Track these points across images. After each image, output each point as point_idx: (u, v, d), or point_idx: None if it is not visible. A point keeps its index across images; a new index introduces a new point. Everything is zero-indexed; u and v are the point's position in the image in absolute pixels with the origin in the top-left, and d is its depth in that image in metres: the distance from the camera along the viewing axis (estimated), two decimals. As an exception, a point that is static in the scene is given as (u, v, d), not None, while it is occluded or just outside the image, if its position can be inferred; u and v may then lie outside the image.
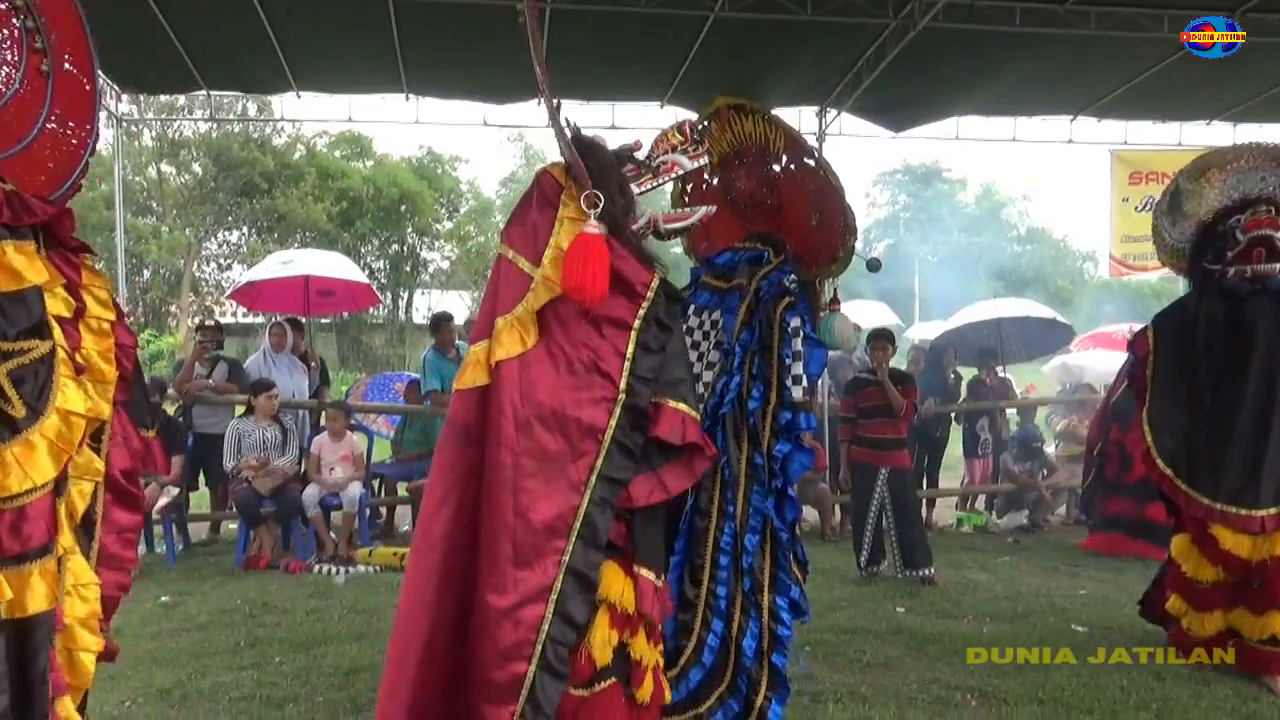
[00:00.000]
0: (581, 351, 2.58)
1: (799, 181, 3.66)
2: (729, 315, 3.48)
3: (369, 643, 4.97)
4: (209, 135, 26.01)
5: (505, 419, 2.51)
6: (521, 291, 2.62)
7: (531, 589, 2.45)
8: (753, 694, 3.29)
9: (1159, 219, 4.91)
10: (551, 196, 2.72)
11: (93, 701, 4.05)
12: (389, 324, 29.22)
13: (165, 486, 6.95)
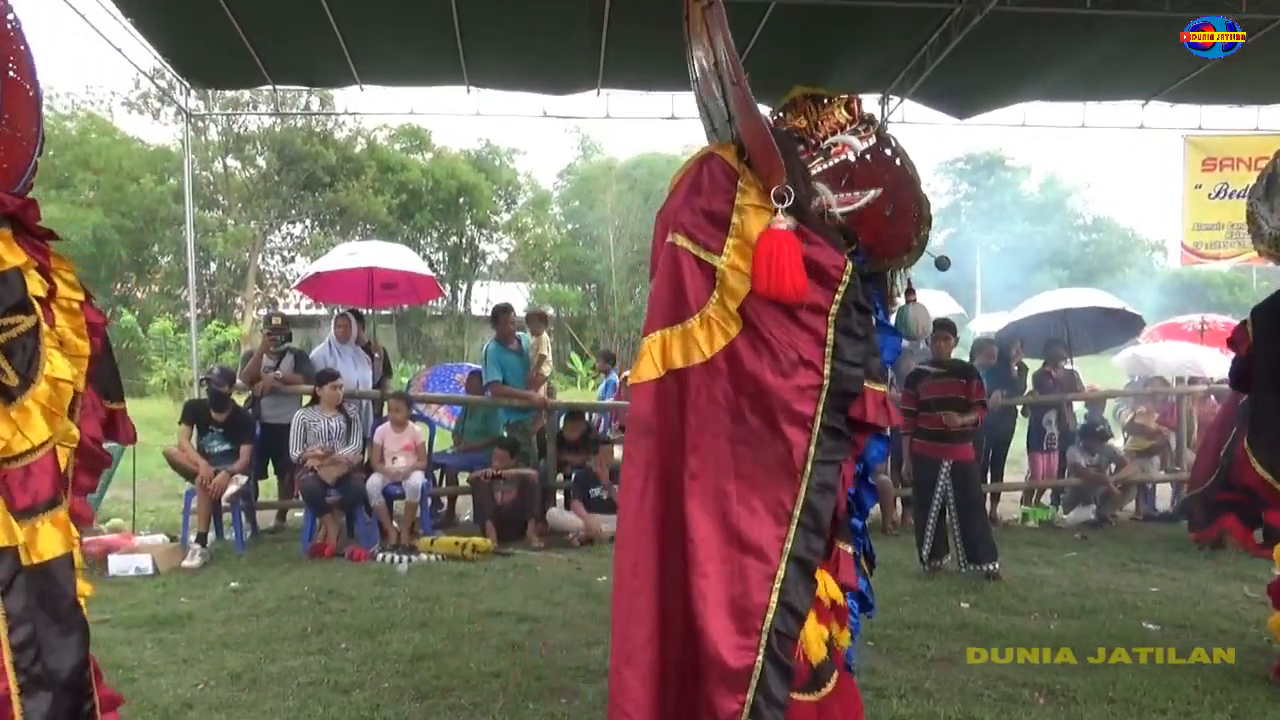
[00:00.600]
0: (783, 342, 2.57)
1: (874, 170, 3.59)
2: None
3: (431, 630, 5.04)
4: (273, 130, 26.50)
5: (719, 409, 2.53)
6: (707, 283, 2.61)
7: (755, 578, 2.47)
8: None
9: (1255, 205, 4.64)
10: (724, 182, 2.67)
11: (166, 684, 4.19)
12: (448, 315, 29.53)
13: (234, 475, 7.08)
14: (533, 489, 7.73)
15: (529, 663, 4.51)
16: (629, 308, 29.38)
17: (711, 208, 2.65)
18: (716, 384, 2.54)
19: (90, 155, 26.46)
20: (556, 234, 31.86)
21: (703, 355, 2.57)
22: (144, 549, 6.53)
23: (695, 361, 2.57)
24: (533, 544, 7.41)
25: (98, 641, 4.75)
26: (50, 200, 25.10)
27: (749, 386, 2.54)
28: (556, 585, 6.12)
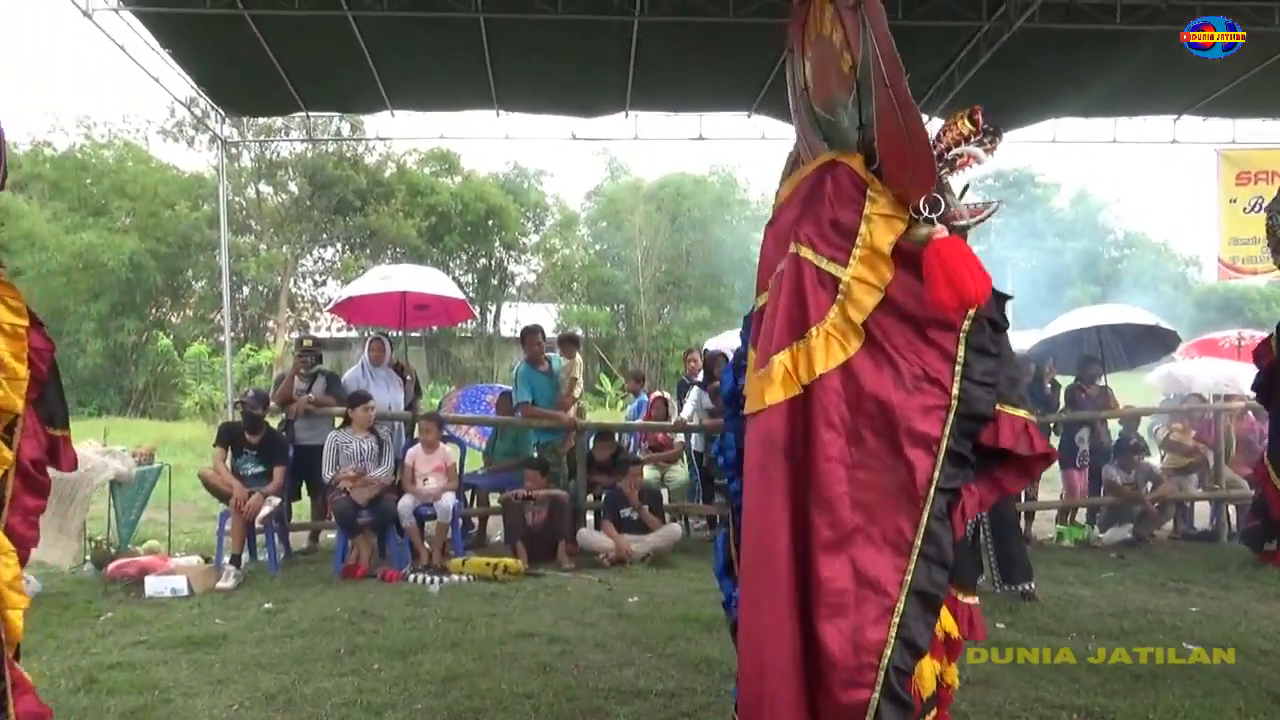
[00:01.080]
0: (908, 358, 2.45)
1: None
2: None
3: (464, 651, 5.04)
4: (305, 156, 26.87)
5: (834, 432, 2.42)
6: (829, 296, 2.49)
7: (872, 610, 2.35)
8: None
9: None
10: (851, 192, 2.56)
11: (202, 705, 4.22)
12: (477, 337, 29.71)
13: (268, 497, 7.14)
14: (563, 509, 7.73)
15: (561, 684, 4.50)
16: (657, 328, 29.44)
17: (837, 218, 2.55)
18: (831, 403, 2.43)
19: (126, 182, 26.96)
20: (584, 255, 32.03)
21: (816, 373, 2.45)
22: (179, 570, 6.59)
23: (811, 378, 2.46)
24: (564, 565, 7.40)
25: (134, 663, 4.83)
26: (88, 227, 25.61)
27: (868, 405, 2.42)
28: (588, 606, 6.11)
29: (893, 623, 2.34)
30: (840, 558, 2.37)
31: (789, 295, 2.55)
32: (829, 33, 2.68)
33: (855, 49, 2.56)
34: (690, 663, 4.85)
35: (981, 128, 2.63)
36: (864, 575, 2.36)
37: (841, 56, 2.63)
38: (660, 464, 8.97)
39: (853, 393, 2.43)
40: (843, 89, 2.67)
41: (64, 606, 6.04)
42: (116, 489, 7.12)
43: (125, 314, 25.83)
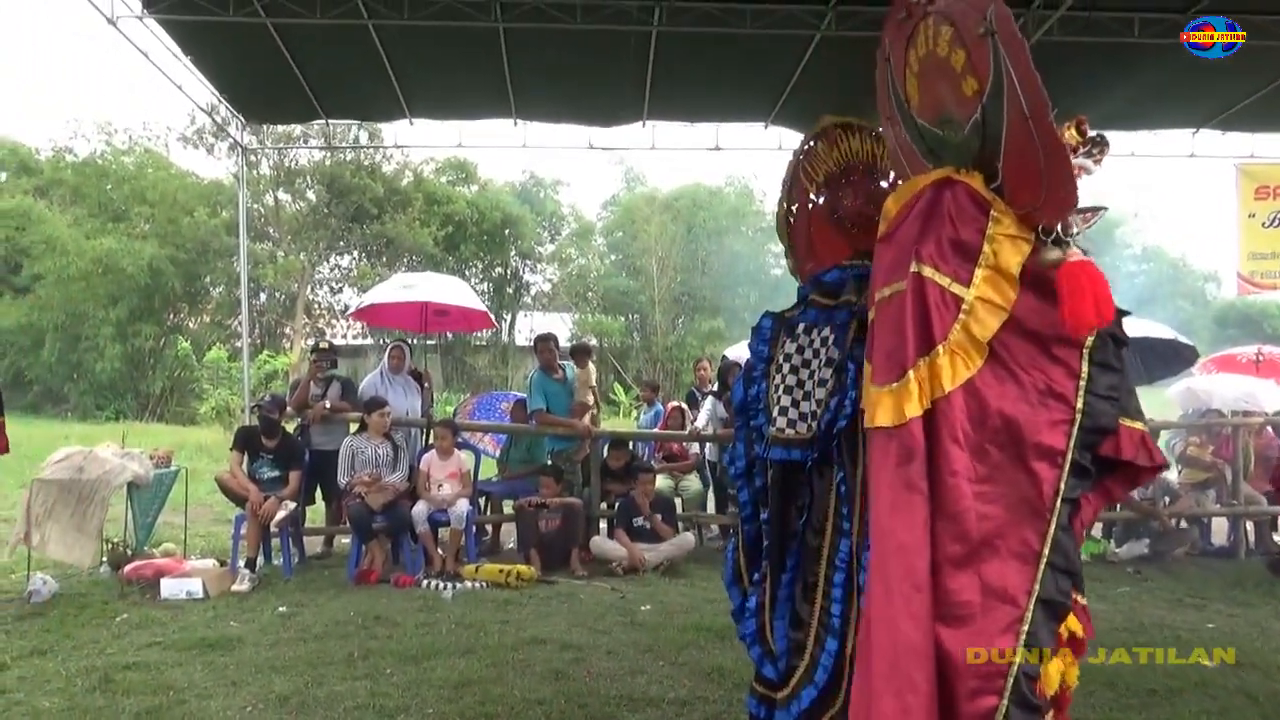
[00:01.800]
0: (1032, 374, 2.48)
1: None
2: (839, 331, 3.43)
3: (476, 657, 5.05)
4: (323, 164, 27.04)
5: (959, 448, 2.45)
6: (952, 315, 2.51)
7: (1000, 620, 2.37)
8: None
9: None
10: (973, 211, 2.57)
11: (216, 706, 4.24)
12: (492, 346, 29.78)
13: (284, 501, 7.17)
14: (577, 517, 7.74)
15: (573, 691, 4.50)
16: (671, 338, 29.45)
17: (959, 237, 2.56)
18: (956, 419, 2.45)
19: (146, 189, 27.20)
20: (600, 265, 32.10)
21: (942, 390, 2.48)
22: (195, 573, 6.62)
23: (937, 396, 2.48)
24: (577, 572, 7.40)
25: (150, 663, 4.86)
26: (108, 232, 25.84)
27: (993, 421, 2.45)
28: (600, 614, 6.11)
29: (1021, 631, 2.36)
30: (967, 571, 2.40)
31: (914, 314, 2.56)
32: (945, 54, 2.65)
33: (983, 76, 2.53)
34: (703, 671, 4.84)
35: (1089, 138, 2.60)
36: (991, 587, 2.38)
37: (965, 80, 2.60)
38: (674, 474, 8.96)
39: (977, 409, 2.46)
40: (963, 111, 2.64)
41: (81, 607, 6.08)
42: (134, 491, 7.16)
43: (144, 319, 26.03)
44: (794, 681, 3.23)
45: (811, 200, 3.86)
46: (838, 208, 3.76)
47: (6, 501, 10.44)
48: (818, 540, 3.31)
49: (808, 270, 3.94)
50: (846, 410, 3.32)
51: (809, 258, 3.92)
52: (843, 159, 3.67)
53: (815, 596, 3.28)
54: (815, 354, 3.50)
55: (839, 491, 3.30)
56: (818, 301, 3.56)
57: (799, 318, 3.59)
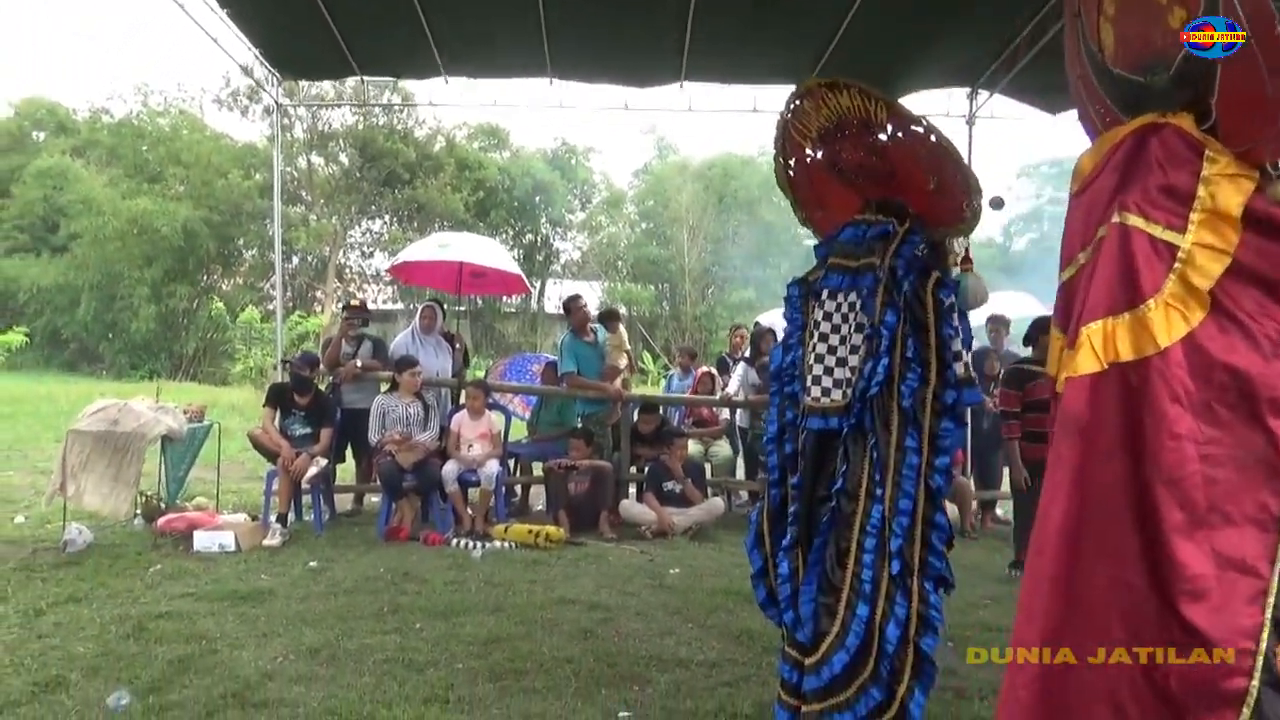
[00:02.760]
0: (1263, 323, 2.32)
1: (909, 147, 3.47)
2: (868, 297, 3.36)
3: (505, 614, 5.05)
4: (355, 127, 27.05)
5: (1180, 407, 2.28)
6: (1164, 265, 2.36)
7: (1243, 593, 2.23)
8: (895, 683, 3.17)
9: None
10: (1185, 153, 2.41)
11: (248, 656, 4.26)
12: (522, 312, 29.83)
13: (315, 458, 7.20)
14: (606, 480, 7.72)
15: (601, 650, 4.49)
16: (701, 308, 29.34)
17: (1170, 182, 2.40)
18: (1175, 377, 2.28)
19: (181, 150, 27.36)
20: (630, 233, 31.98)
21: (1156, 346, 2.30)
22: (227, 527, 6.67)
23: (1148, 353, 2.30)
24: (605, 535, 7.39)
25: (182, 613, 4.90)
26: (143, 193, 26.03)
27: (1219, 376, 2.29)
28: (629, 576, 6.10)
29: (1267, 604, 2.22)
30: (1196, 541, 2.24)
31: (1114, 267, 2.40)
32: None
33: (1193, 4, 2.42)
34: (731, 634, 4.82)
35: None
36: (1227, 558, 2.23)
37: (1171, 12, 2.49)
38: (704, 439, 8.92)
39: (1200, 364, 2.30)
40: (1170, 46, 2.52)
41: (115, 557, 6.14)
42: (167, 445, 7.22)
43: (178, 280, 26.27)
44: (824, 647, 3.20)
45: (809, 155, 3.78)
46: (837, 161, 3.67)
47: (44, 454, 10.60)
48: (852, 506, 3.27)
49: (818, 219, 3.88)
50: (879, 376, 3.26)
51: (817, 207, 3.88)
52: (833, 115, 3.58)
53: (848, 562, 3.24)
54: (844, 319, 3.44)
55: (872, 457, 3.25)
56: (839, 264, 3.49)
57: (822, 282, 3.53)
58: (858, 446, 3.30)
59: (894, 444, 3.24)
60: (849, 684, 3.17)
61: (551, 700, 3.84)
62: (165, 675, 3.99)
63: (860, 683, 3.17)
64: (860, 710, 3.14)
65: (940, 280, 3.26)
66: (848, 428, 3.30)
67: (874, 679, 3.16)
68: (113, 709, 3.61)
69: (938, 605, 3.18)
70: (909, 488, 3.19)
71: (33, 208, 27.67)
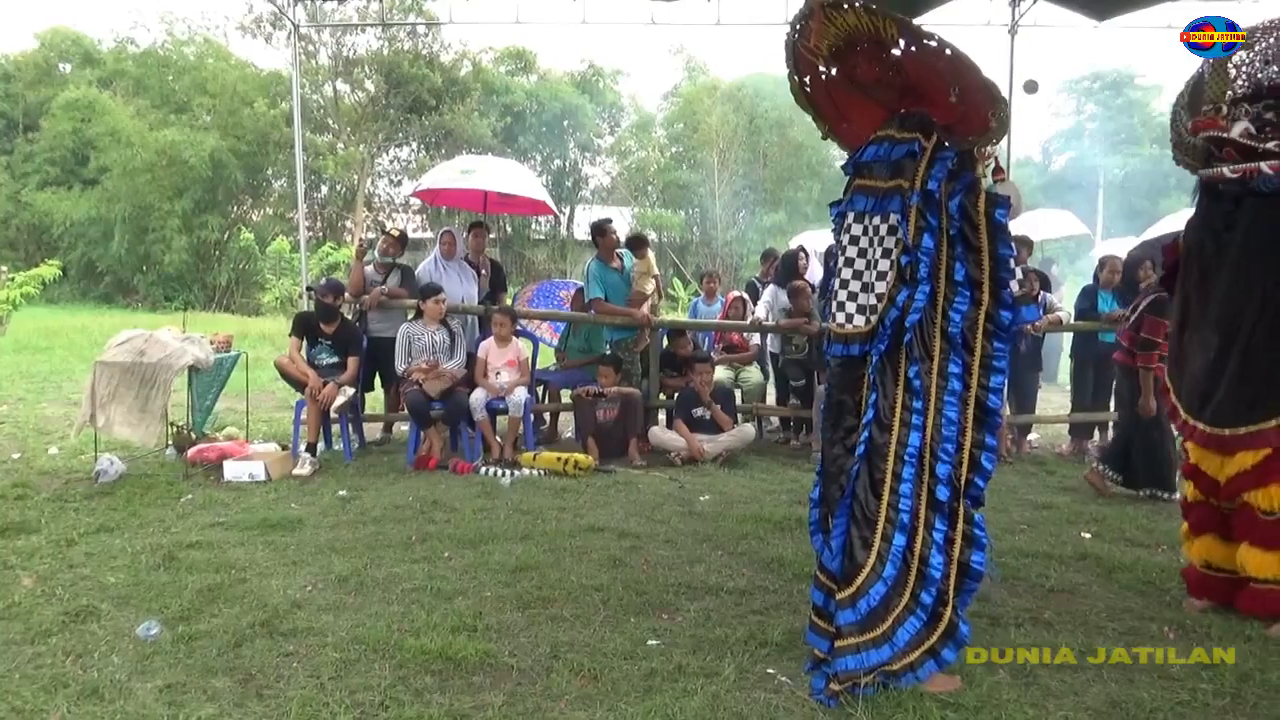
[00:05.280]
0: None
1: (925, 60, 3.30)
2: (901, 222, 3.20)
3: (534, 542, 5.02)
4: (380, 54, 26.65)
5: None
6: None
7: None
8: (941, 606, 3.10)
9: (1178, 113, 4.35)
10: None
11: (276, 585, 4.25)
12: (551, 239, 29.63)
13: (342, 386, 7.17)
14: (635, 407, 7.65)
15: (630, 577, 4.45)
16: (732, 233, 28.97)
17: None
18: None
19: (207, 80, 27.17)
20: (660, 158, 31.47)
21: None
22: (257, 456, 6.70)
23: None
24: (635, 462, 7.35)
25: (212, 543, 4.91)
26: (170, 124, 25.93)
27: None
28: (658, 503, 6.05)
29: None
30: None
31: None
32: None
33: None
34: (762, 561, 4.77)
35: None
36: None
37: None
38: (735, 365, 8.80)
39: None
40: None
41: (146, 487, 6.18)
42: (194, 375, 7.22)
43: (208, 211, 26.28)
44: (860, 580, 3.12)
45: (823, 71, 3.59)
46: (853, 76, 3.50)
47: (78, 386, 10.70)
48: (884, 436, 3.17)
49: (843, 131, 3.73)
50: (920, 303, 3.13)
51: (840, 120, 3.72)
52: (841, 34, 3.39)
53: (882, 492, 3.14)
54: (870, 244, 3.30)
55: (911, 386, 3.14)
56: (865, 185, 3.34)
57: (848, 205, 3.39)
58: (889, 375, 3.19)
59: (936, 370, 3.13)
60: (886, 616, 3.11)
61: (580, 628, 3.80)
62: (195, 604, 3.99)
63: (897, 614, 3.10)
64: (898, 643, 3.09)
65: (994, 199, 3.14)
66: (877, 355, 3.18)
67: (911, 609, 3.10)
68: (142, 638, 3.61)
69: (981, 523, 3.12)
70: (952, 414, 3.12)
71: (62, 140, 27.66)
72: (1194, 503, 4.24)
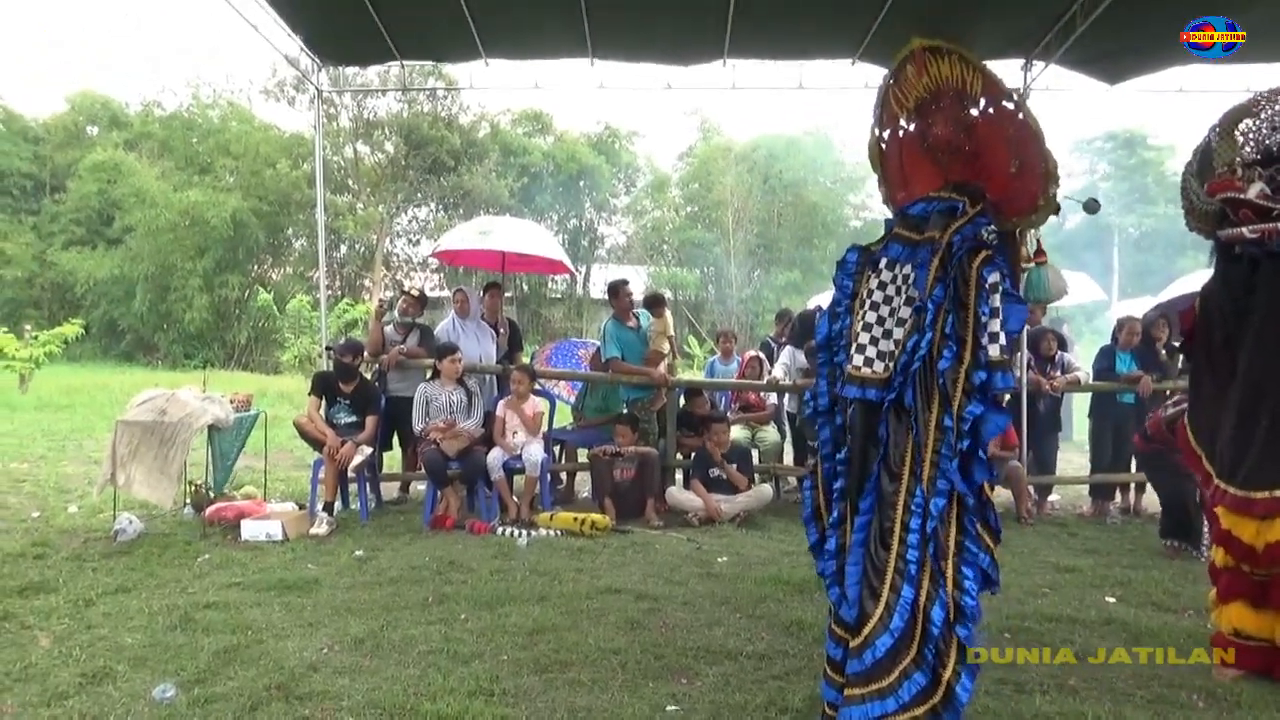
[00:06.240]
0: None
1: (997, 126, 3.36)
2: (921, 270, 3.24)
3: (551, 604, 4.98)
4: (400, 116, 27.15)
5: None
6: None
7: None
8: (940, 666, 3.04)
9: (1188, 180, 4.36)
10: None
11: (293, 647, 4.23)
12: (567, 298, 29.81)
13: (360, 446, 7.19)
14: (652, 467, 7.63)
15: (648, 641, 4.41)
16: (747, 291, 29.10)
17: None
18: None
19: (230, 142, 27.70)
20: (675, 217, 31.78)
21: None
22: (275, 516, 6.69)
23: None
24: (652, 523, 7.31)
25: (229, 603, 4.89)
26: (194, 185, 26.38)
27: None
28: (676, 564, 6.01)
29: None
30: None
31: None
32: None
33: None
34: (781, 625, 4.71)
35: None
36: None
37: None
38: (752, 424, 8.78)
39: None
40: None
41: (164, 547, 6.18)
42: (215, 434, 7.25)
43: (229, 270, 26.62)
44: (868, 630, 3.09)
45: (902, 127, 3.65)
46: (927, 136, 3.54)
47: (98, 444, 10.77)
48: (894, 485, 3.17)
49: (899, 199, 3.76)
50: (922, 351, 3.15)
51: (902, 186, 3.75)
52: (932, 84, 3.46)
53: (891, 542, 3.13)
54: (897, 291, 3.33)
55: (915, 437, 3.13)
56: (902, 235, 3.38)
57: (882, 252, 3.42)
58: (900, 423, 3.20)
59: (933, 422, 3.13)
60: (892, 668, 3.06)
61: (598, 693, 3.76)
62: (211, 666, 3.97)
63: (903, 667, 3.06)
64: (903, 696, 3.03)
65: (988, 258, 3.14)
66: (888, 402, 3.19)
67: (917, 663, 3.05)
68: (158, 701, 3.59)
69: (973, 592, 3.04)
70: (947, 467, 3.08)
71: (88, 201, 28.19)
72: (1224, 569, 4.15)
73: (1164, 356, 8.48)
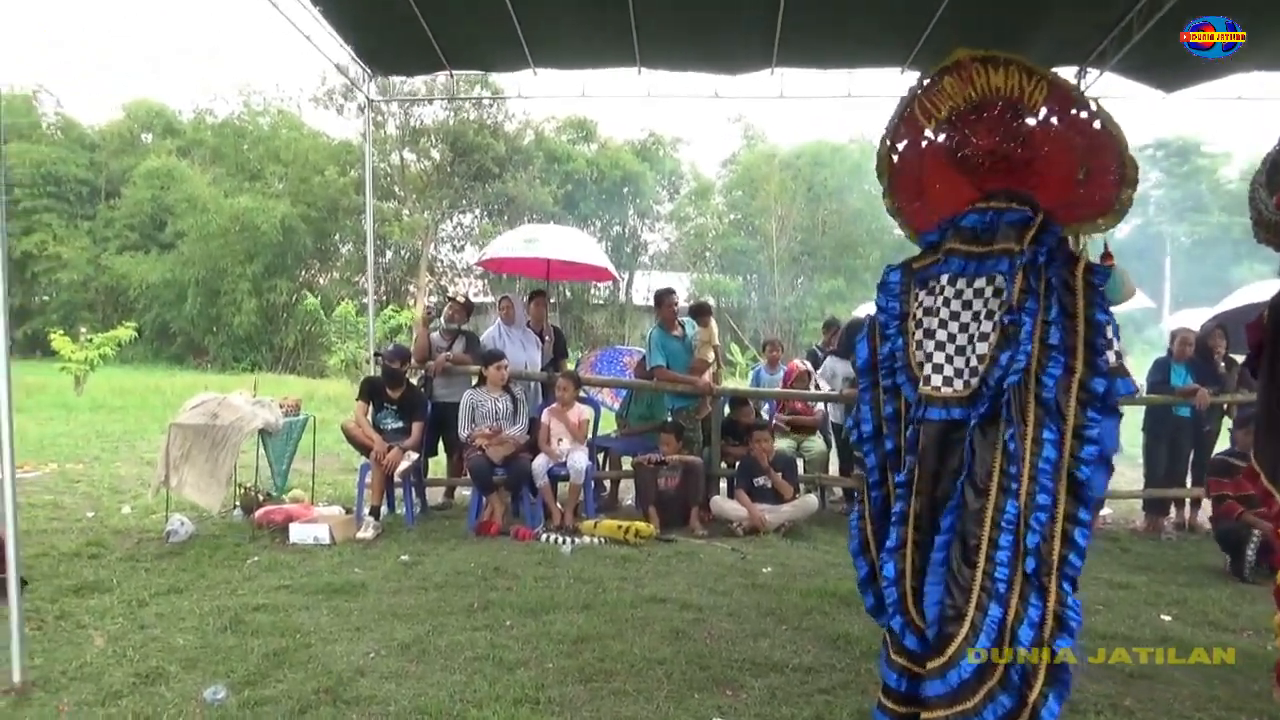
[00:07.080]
0: None
1: (1063, 135, 3.29)
2: (1007, 283, 3.18)
3: (595, 612, 4.98)
4: (446, 123, 27.40)
5: None
6: None
7: None
8: (1027, 688, 2.98)
9: (1256, 190, 4.18)
10: None
11: (340, 651, 4.26)
12: (610, 304, 29.87)
13: (407, 451, 7.24)
14: (697, 476, 7.60)
15: (693, 651, 4.38)
16: (790, 298, 28.96)
17: None
18: None
19: (280, 149, 28.17)
20: (718, 224, 31.74)
21: None
22: (322, 519, 6.76)
23: None
24: (696, 531, 7.28)
25: (278, 606, 4.94)
26: (244, 191, 26.84)
27: None
28: (721, 574, 5.97)
29: None
30: None
31: None
32: None
33: None
34: (827, 637, 4.66)
35: None
36: None
37: None
38: (797, 434, 8.72)
39: None
40: None
41: (214, 549, 6.26)
42: (267, 438, 7.34)
43: (277, 275, 27.04)
44: (952, 650, 3.03)
45: (927, 138, 3.59)
46: (964, 146, 3.48)
47: (151, 445, 10.96)
48: (980, 501, 3.10)
49: (910, 210, 3.70)
50: (1019, 364, 3.08)
51: (915, 198, 3.70)
52: (978, 95, 3.40)
53: (977, 560, 3.06)
54: (966, 305, 3.26)
55: (1008, 449, 3.07)
56: (960, 249, 3.31)
57: (939, 268, 3.35)
58: (986, 439, 3.13)
59: (1030, 436, 3.06)
60: (978, 689, 3.00)
61: (643, 704, 3.74)
62: (260, 669, 4.02)
63: (989, 689, 3.00)
64: (988, 718, 2.97)
65: (1089, 266, 3.11)
66: (976, 418, 3.13)
67: (1004, 685, 2.99)
68: (209, 703, 3.64)
69: (1075, 606, 2.99)
70: (1046, 482, 3.03)
71: (142, 207, 28.80)
72: None
73: (1222, 369, 8.29)
